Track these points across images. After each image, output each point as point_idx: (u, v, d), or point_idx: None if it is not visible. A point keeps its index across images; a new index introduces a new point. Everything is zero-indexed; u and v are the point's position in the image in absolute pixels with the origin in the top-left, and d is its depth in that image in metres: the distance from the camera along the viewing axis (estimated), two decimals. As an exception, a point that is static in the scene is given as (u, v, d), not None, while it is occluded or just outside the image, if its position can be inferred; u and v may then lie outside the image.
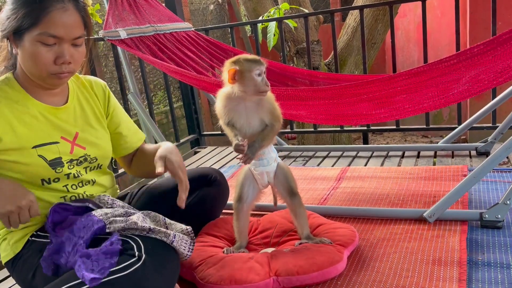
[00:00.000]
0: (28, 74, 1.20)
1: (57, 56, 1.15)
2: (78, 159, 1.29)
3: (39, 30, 1.12)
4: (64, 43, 1.15)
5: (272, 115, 1.39)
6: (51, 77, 1.18)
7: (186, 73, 1.99)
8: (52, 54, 1.14)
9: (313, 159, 2.66)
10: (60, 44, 1.15)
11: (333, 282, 1.31)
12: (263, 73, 1.33)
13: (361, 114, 1.83)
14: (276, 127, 1.40)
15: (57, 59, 1.15)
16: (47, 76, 1.17)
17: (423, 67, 1.57)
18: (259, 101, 1.37)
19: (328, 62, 4.23)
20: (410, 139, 5.66)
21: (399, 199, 1.85)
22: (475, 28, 4.46)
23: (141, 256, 1.05)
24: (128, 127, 1.48)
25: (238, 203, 1.47)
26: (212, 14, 7.53)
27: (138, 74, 5.05)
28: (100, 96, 1.40)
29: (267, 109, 1.38)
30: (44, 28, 1.12)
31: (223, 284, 1.26)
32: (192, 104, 3.38)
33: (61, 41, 1.14)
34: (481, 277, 1.26)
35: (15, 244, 1.22)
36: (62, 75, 1.18)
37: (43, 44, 1.13)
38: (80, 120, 1.32)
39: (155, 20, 2.29)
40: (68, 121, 1.29)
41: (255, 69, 1.30)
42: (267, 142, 1.40)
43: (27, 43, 1.13)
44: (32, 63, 1.15)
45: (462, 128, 2.40)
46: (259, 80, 1.31)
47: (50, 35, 1.12)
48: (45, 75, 1.17)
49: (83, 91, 1.37)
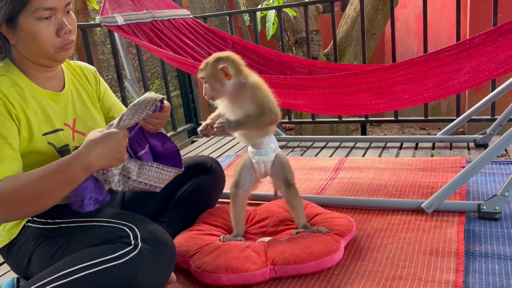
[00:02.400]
0: (33, 57, 1.17)
1: (58, 28, 1.14)
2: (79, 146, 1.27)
3: (33, 7, 1.09)
4: (58, 13, 1.13)
5: (256, 105, 1.36)
6: (57, 52, 1.16)
7: (184, 60, 1.96)
8: (52, 27, 1.13)
9: (311, 150, 2.65)
10: (55, 15, 1.13)
11: (329, 271, 1.31)
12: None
13: (360, 104, 1.82)
14: (263, 117, 1.36)
15: (59, 31, 1.14)
16: (54, 52, 1.16)
17: (423, 57, 1.55)
18: (238, 92, 1.36)
19: (327, 52, 4.20)
20: (408, 131, 5.65)
21: (396, 190, 1.84)
22: (475, 20, 4.44)
23: (137, 244, 1.04)
24: (120, 111, 1.45)
25: (235, 189, 1.47)
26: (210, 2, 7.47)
27: (135, 62, 5.01)
28: (92, 80, 1.39)
29: (248, 100, 1.36)
30: (37, 4, 1.09)
31: (220, 272, 1.26)
32: (190, 93, 3.36)
33: (55, 12, 1.13)
34: (478, 268, 1.26)
35: (11, 230, 1.21)
36: (67, 46, 1.17)
37: (41, 20, 1.11)
38: (78, 105, 1.31)
39: (153, 7, 2.26)
40: (67, 107, 1.27)
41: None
42: (245, 127, 1.38)
43: (25, 25, 1.11)
44: (35, 43, 1.13)
45: (460, 120, 2.39)
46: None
47: (45, 8, 1.10)
48: (52, 51, 1.15)
49: (76, 76, 1.35)
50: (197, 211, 1.61)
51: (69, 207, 1.15)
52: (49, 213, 1.17)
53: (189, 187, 1.55)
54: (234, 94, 1.37)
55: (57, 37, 1.14)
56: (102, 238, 1.07)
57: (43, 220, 1.18)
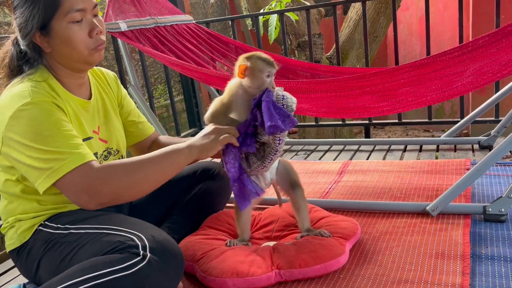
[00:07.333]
0: (68, 62, 1.20)
1: (89, 29, 1.17)
2: (102, 153, 1.29)
3: (65, 10, 1.12)
4: (87, 15, 1.17)
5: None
6: (91, 54, 1.19)
7: (187, 65, 1.97)
8: (84, 29, 1.16)
9: (314, 153, 2.65)
10: (85, 18, 1.16)
11: (335, 275, 1.30)
12: (273, 75, 1.31)
13: (363, 107, 1.82)
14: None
15: (91, 32, 1.17)
16: (88, 54, 1.18)
17: (426, 59, 1.55)
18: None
19: (330, 55, 4.21)
20: (412, 133, 5.64)
21: (401, 193, 1.84)
22: (478, 22, 4.43)
23: (145, 255, 1.04)
24: (138, 114, 1.50)
25: None
26: (213, 7, 7.50)
27: (138, 67, 5.03)
28: (113, 86, 1.42)
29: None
30: (69, 6, 1.13)
31: (225, 277, 1.26)
32: (193, 97, 3.37)
33: (85, 13, 1.16)
34: (485, 271, 1.25)
35: (23, 234, 1.21)
36: (100, 47, 1.20)
37: (74, 23, 1.14)
38: (102, 111, 1.33)
39: (156, 13, 2.28)
40: (94, 114, 1.30)
41: (266, 71, 1.28)
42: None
43: (59, 29, 1.14)
44: (70, 47, 1.16)
45: (464, 122, 2.38)
46: (267, 81, 1.30)
47: (76, 10, 1.14)
48: (87, 53, 1.18)
49: (99, 81, 1.38)
50: (204, 216, 1.61)
51: (80, 213, 1.17)
52: (61, 218, 1.18)
53: (196, 193, 1.55)
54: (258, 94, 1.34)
55: (89, 39, 1.17)
56: (111, 247, 1.07)
57: (54, 225, 1.19)
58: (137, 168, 1.13)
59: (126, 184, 1.12)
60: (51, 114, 1.11)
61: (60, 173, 1.08)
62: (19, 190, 1.19)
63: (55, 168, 1.07)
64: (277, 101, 1.24)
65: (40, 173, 1.08)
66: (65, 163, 1.08)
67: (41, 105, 1.11)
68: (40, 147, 1.08)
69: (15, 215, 1.22)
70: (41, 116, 1.10)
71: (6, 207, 1.23)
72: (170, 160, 1.17)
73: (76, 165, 1.08)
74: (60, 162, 1.08)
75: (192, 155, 1.20)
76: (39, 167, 1.08)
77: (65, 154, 1.09)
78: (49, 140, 1.09)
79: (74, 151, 1.10)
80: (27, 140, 1.08)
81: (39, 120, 1.10)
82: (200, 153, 1.20)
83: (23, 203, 1.20)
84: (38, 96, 1.12)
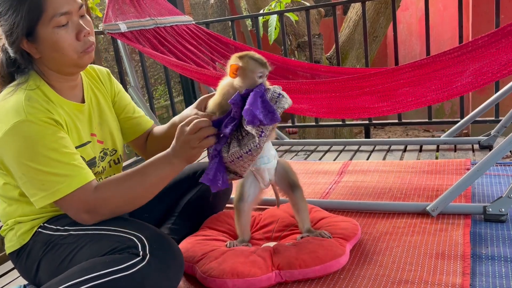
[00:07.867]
0: (58, 67, 1.17)
1: (76, 31, 1.13)
2: (100, 154, 1.28)
3: (49, 15, 1.09)
4: (73, 17, 1.13)
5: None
6: (81, 57, 1.16)
7: (187, 66, 1.97)
8: (71, 32, 1.13)
9: (314, 153, 2.65)
10: (71, 20, 1.13)
11: (335, 275, 1.30)
12: (265, 76, 1.30)
13: (363, 107, 1.82)
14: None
15: (78, 34, 1.13)
16: (78, 57, 1.15)
17: (426, 60, 1.55)
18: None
19: (330, 56, 4.21)
20: (412, 134, 5.64)
21: (401, 193, 1.84)
22: (478, 22, 4.43)
23: (145, 255, 1.04)
24: (133, 110, 1.46)
25: (240, 203, 1.45)
26: (212, 8, 7.50)
27: (138, 68, 5.04)
28: (106, 82, 1.39)
29: None
30: (53, 11, 1.09)
31: (225, 277, 1.26)
32: (193, 98, 3.36)
33: (70, 16, 1.12)
34: (485, 271, 1.25)
35: (22, 236, 1.21)
36: (89, 49, 1.17)
37: (60, 27, 1.11)
38: (97, 113, 1.31)
39: (156, 13, 2.27)
40: (90, 116, 1.28)
41: (258, 71, 1.26)
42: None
43: (45, 35, 1.11)
44: (59, 52, 1.13)
45: (464, 122, 2.38)
46: (259, 82, 1.28)
47: (61, 14, 1.10)
48: (76, 57, 1.15)
49: (92, 80, 1.35)
50: (204, 217, 1.61)
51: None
52: (60, 220, 1.18)
53: (195, 194, 1.55)
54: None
55: (77, 42, 1.14)
56: (110, 248, 1.07)
57: (54, 227, 1.19)
58: (135, 185, 1.16)
59: (125, 201, 1.16)
60: (47, 133, 1.09)
61: (57, 196, 1.09)
62: (18, 194, 1.18)
63: (52, 190, 1.08)
64: (272, 98, 1.22)
65: (37, 191, 1.09)
66: (62, 186, 1.08)
67: (36, 123, 1.08)
68: (37, 167, 1.07)
69: (14, 217, 1.22)
70: (37, 136, 1.08)
71: (5, 210, 1.23)
72: (162, 178, 1.19)
73: (73, 188, 1.09)
74: (58, 185, 1.08)
75: (181, 167, 1.20)
76: (36, 186, 1.09)
77: (62, 176, 1.08)
78: (46, 161, 1.08)
79: (71, 173, 1.09)
80: (23, 158, 1.08)
81: (35, 140, 1.08)
82: (188, 163, 1.20)
83: (22, 206, 1.20)
84: (33, 112, 1.09)
